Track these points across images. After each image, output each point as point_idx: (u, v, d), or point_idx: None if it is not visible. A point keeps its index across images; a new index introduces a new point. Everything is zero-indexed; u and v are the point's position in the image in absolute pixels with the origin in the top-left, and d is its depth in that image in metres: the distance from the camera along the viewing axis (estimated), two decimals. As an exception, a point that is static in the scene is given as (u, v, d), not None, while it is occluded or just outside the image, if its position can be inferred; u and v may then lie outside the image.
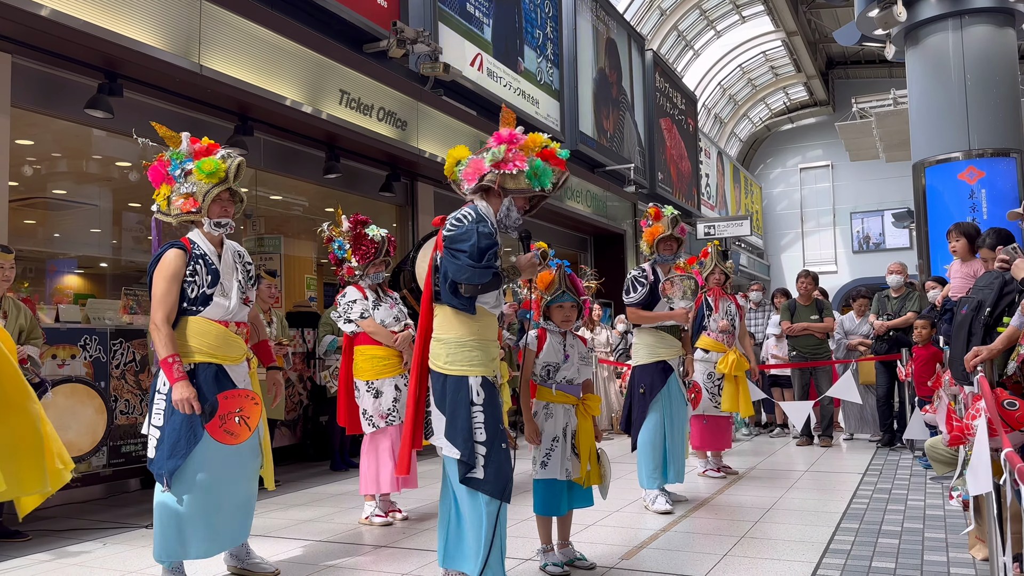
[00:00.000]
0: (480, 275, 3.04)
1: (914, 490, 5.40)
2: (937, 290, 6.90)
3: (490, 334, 3.20)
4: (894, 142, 16.25)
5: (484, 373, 3.13)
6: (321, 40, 7.43)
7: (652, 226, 5.18)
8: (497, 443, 3.07)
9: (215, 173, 3.49)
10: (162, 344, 3.36)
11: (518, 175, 3.17)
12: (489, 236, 3.10)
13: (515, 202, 3.25)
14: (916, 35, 10.33)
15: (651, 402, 5.00)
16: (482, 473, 3.05)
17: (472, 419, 3.07)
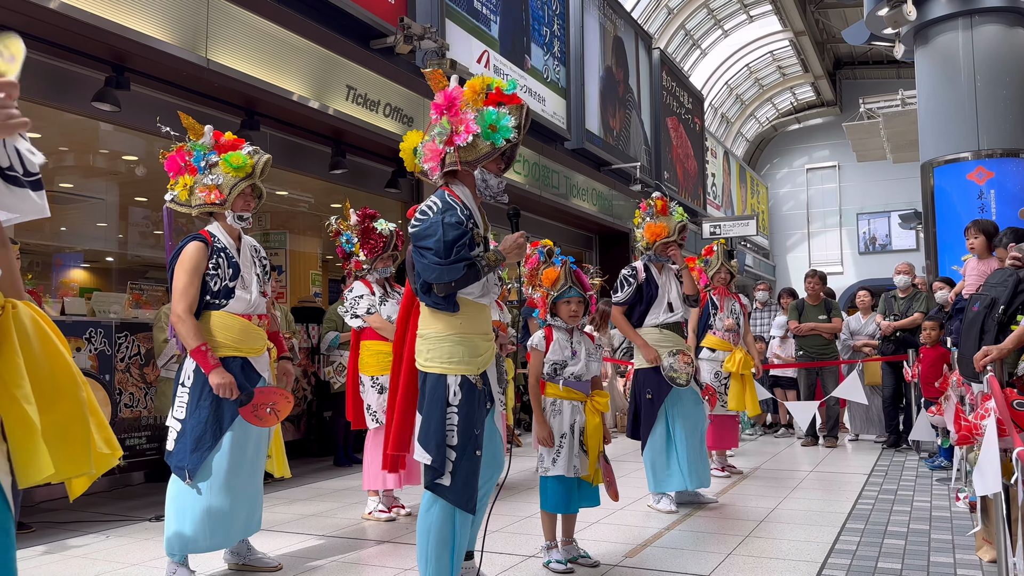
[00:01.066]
0: (449, 272, 2.76)
1: (920, 491, 5.37)
2: (945, 291, 6.86)
3: (477, 327, 2.93)
4: (901, 143, 16.17)
5: (466, 371, 2.86)
6: (328, 35, 7.42)
7: (657, 223, 4.98)
8: (470, 450, 2.83)
9: (243, 168, 3.51)
10: (191, 334, 3.38)
11: (474, 142, 2.84)
12: (457, 226, 2.80)
13: (488, 169, 2.94)
14: (926, 34, 10.28)
15: (659, 407, 4.88)
16: (449, 480, 2.81)
17: (446, 421, 2.82)
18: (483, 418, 2.92)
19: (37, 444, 1.37)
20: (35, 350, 1.43)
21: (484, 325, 2.97)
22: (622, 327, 5.01)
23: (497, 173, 2.97)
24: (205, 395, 3.42)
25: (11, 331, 1.41)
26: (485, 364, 2.93)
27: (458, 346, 2.87)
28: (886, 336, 7.59)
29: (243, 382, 3.47)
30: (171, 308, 3.43)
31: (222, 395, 3.38)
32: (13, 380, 1.38)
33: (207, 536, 3.39)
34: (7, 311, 1.43)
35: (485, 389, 2.94)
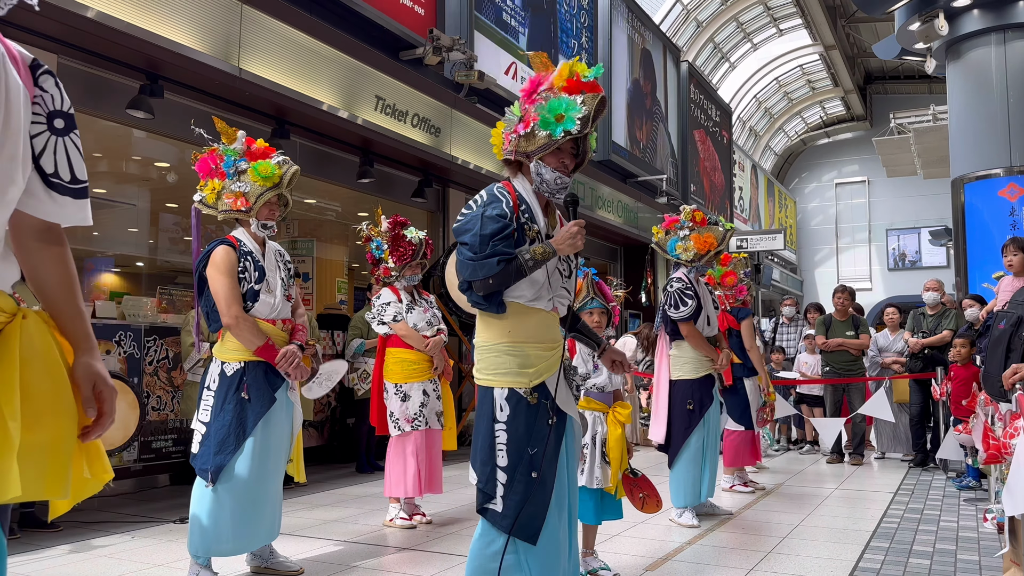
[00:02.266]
0: (483, 268, 2.49)
1: (947, 511, 5.29)
2: (975, 308, 6.77)
3: (532, 335, 2.60)
4: (932, 158, 16.00)
5: (514, 384, 2.55)
6: (358, 46, 7.51)
7: (703, 234, 5.01)
8: (522, 471, 2.50)
9: (270, 177, 3.56)
10: (253, 334, 3.47)
11: (532, 131, 2.57)
12: (498, 219, 2.53)
13: (546, 162, 2.61)
14: (958, 49, 10.18)
15: (700, 419, 4.88)
16: (501, 505, 2.50)
17: (494, 439, 2.54)
18: (545, 436, 2.54)
19: (9, 462, 1.31)
20: (36, 365, 1.38)
21: (540, 333, 2.62)
22: (695, 340, 4.96)
23: (557, 168, 2.62)
24: (229, 399, 3.46)
25: (15, 342, 1.37)
26: (542, 376, 2.58)
27: (506, 356, 2.57)
28: (914, 353, 7.49)
29: (260, 389, 3.50)
30: (223, 314, 3.46)
31: (290, 359, 3.48)
32: (5, 394, 1.34)
33: (231, 539, 3.43)
34: (16, 320, 1.39)
35: (546, 404, 2.57)
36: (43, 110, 1.48)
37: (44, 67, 1.49)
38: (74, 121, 1.53)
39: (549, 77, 2.62)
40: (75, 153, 1.52)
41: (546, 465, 2.54)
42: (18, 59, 1.43)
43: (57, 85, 1.50)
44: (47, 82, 1.49)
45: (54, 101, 1.49)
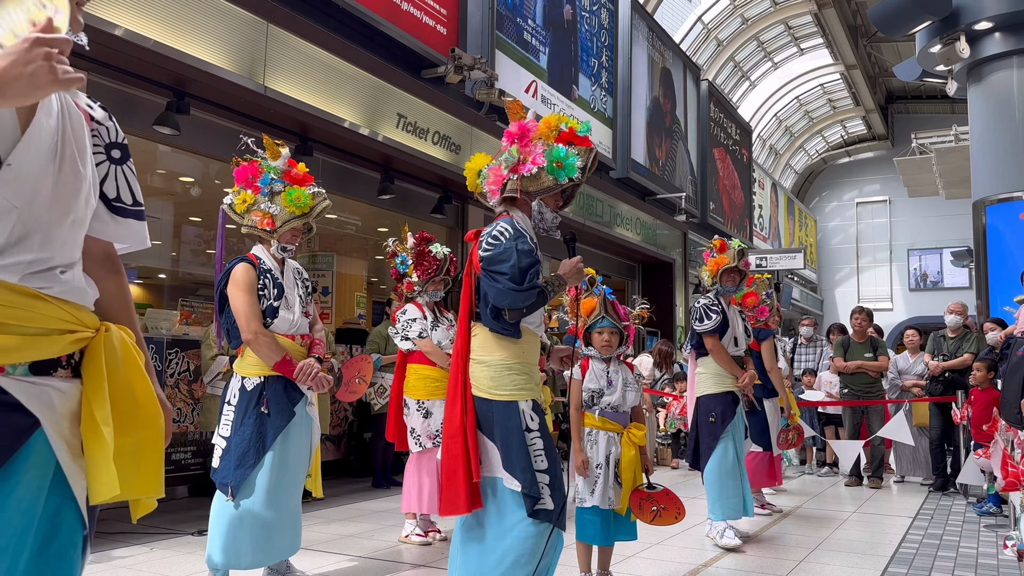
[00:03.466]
0: (524, 298, 2.79)
1: (967, 537, 5.23)
2: (996, 332, 6.72)
3: (533, 357, 2.97)
4: (954, 179, 15.90)
5: (532, 397, 2.88)
6: (381, 65, 7.60)
7: (716, 257, 5.20)
8: (557, 468, 2.85)
9: (302, 207, 3.62)
10: (271, 350, 3.51)
11: (538, 174, 2.87)
12: (530, 254, 2.84)
13: (546, 203, 2.98)
14: (979, 72, 10.15)
15: (723, 432, 4.93)
16: (551, 503, 2.79)
17: (530, 447, 2.81)
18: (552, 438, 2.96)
19: (108, 464, 1.42)
20: (121, 373, 1.49)
21: (535, 354, 2.99)
22: (719, 355, 5.04)
23: (554, 208, 3.00)
24: (249, 413, 3.51)
25: (100, 353, 1.47)
26: (540, 391, 2.98)
27: (520, 374, 2.88)
28: (934, 376, 7.43)
29: (280, 404, 3.54)
30: (243, 330, 3.51)
31: (307, 373, 3.53)
32: (96, 401, 1.45)
33: (249, 552, 3.46)
34: (100, 334, 1.50)
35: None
36: (101, 141, 1.61)
37: (98, 103, 1.63)
38: (129, 151, 1.67)
39: (534, 123, 2.94)
40: (133, 179, 1.66)
41: None
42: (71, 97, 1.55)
43: (111, 119, 1.63)
44: (102, 115, 1.62)
45: (110, 133, 1.62)
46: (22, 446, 1.38)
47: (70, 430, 1.45)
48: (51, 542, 1.42)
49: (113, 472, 1.42)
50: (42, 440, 1.40)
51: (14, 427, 1.37)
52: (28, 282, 1.39)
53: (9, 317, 1.37)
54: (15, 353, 1.38)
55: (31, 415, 1.39)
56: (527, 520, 2.77)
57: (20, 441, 1.38)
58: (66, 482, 1.44)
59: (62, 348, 1.44)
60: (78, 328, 1.47)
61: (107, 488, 1.42)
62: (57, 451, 1.42)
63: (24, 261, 1.39)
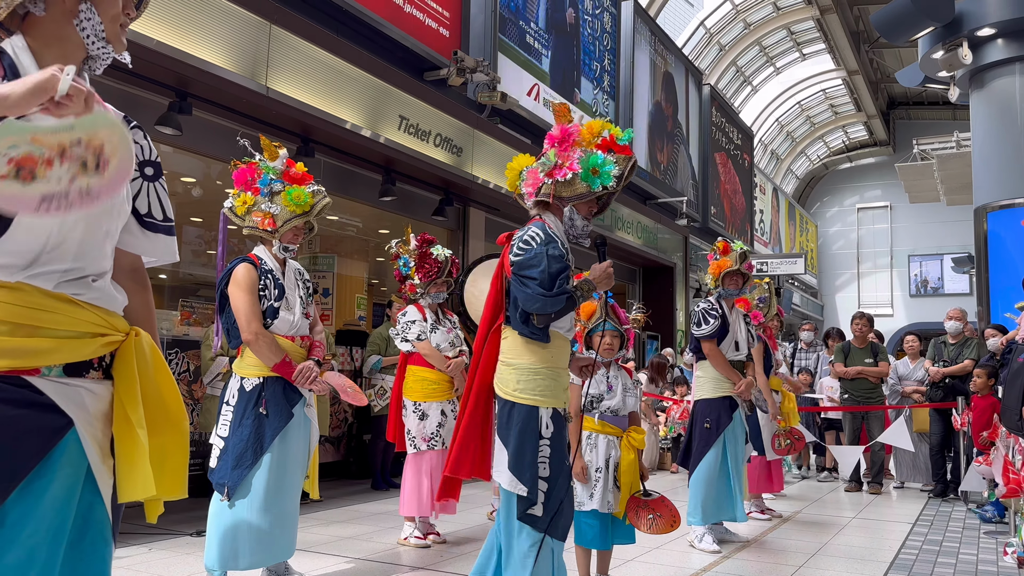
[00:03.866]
0: (553, 303, 2.79)
1: (967, 543, 5.22)
2: (997, 338, 6.71)
3: (563, 361, 2.97)
4: (955, 185, 15.90)
5: (555, 404, 2.89)
6: (383, 66, 7.61)
7: (719, 260, 5.18)
8: (561, 480, 2.85)
9: (302, 205, 3.62)
10: (271, 351, 3.50)
11: (572, 180, 2.86)
12: (560, 259, 2.83)
13: (578, 209, 2.95)
14: (981, 78, 10.15)
15: (716, 438, 4.92)
16: (541, 510, 2.81)
17: (539, 453, 2.83)
18: (567, 451, 2.95)
19: (144, 465, 1.49)
20: (150, 376, 1.55)
21: (567, 359, 3.01)
22: (716, 358, 5.02)
23: (586, 216, 2.97)
24: (248, 414, 3.50)
25: (132, 357, 1.54)
26: (567, 398, 2.99)
27: (549, 379, 2.88)
28: (935, 382, 7.42)
29: (279, 404, 3.54)
30: (243, 331, 3.51)
31: (307, 375, 3.53)
32: (130, 403, 1.51)
33: (247, 554, 3.45)
34: (130, 338, 1.56)
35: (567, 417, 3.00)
36: (136, 159, 1.64)
37: (134, 123, 1.68)
38: (161, 169, 1.74)
39: (577, 128, 2.91)
40: (164, 195, 1.73)
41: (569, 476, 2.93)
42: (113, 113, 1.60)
43: (146, 138, 1.71)
44: (137, 135, 1.68)
45: (144, 152, 1.69)
46: (56, 445, 1.43)
47: (101, 431, 1.51)
48: (84, 536, 1.49)
49: (149, 473, 1.49)
50: (74, 440, 1.46)
51: (49, 427, 1.43)
52: (63, 288, 1.46)
53: (44, 321, 1.43)
54: (50, 355, 1.44)
55: (65, 415, 1.45)
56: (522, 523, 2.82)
57: (54, 440, 1.43)
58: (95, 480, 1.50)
59: (94, 351, 1.50)
60: (109, 331, 1.52)
61: (143, 488, 1.49)
62: (88, 451, 1.48)
63: (59, 270, 1.45)
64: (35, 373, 1.42)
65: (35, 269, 1.42)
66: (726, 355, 5.08)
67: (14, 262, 1.40)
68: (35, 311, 1.42)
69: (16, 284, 1.40)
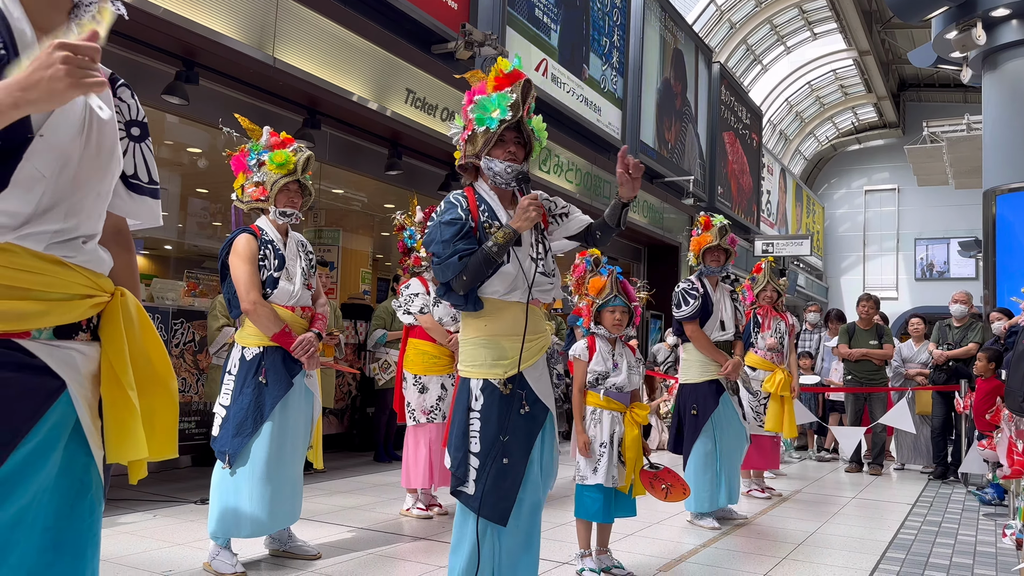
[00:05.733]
0: (449, 268, 2.64)
1: (965, 524, 5.24)
2: (1002, 321, 6.70)
3: (506, 329, 2.71)
4: (964, 168, 15.80)
5: (488, 375, 2.68)
6: (391, 38, 7.55)
7: (699, 236, 5.02)
8: (495, 457, 2.63)
9: (284, 165, 3.64)
10: (270, 320, 3.52)
11: (473, 134, 2.71)
12: (453, 223, 2.66)
13: (493, 155, 2.71)
14: (995, 60, 10.05)
15: (704, 424, 4.85)
16: (472, 488, 2.64)
17: (468, 426, 2.68)
18: (516, 425, 2.67)
19: (136, 426, 1.49)
20: (137, 336, 1.54)
21: (515, 325, 2.71)
22: (699, 340, 4.90)
23: (505, 158, 2.70)
24: (248, 383, 3.53)
25: (119, 317, 1.53)
26: (514, 367, 2.68)
27: (482, 348, 2.71)
28: (938, 365, 7.42)
29: (278, 374, 3.56)
30: (241, 300, 3.53)
31: (305, 347, 3.53)
32: (119, 364, 1.50)
33: (250, 522, 3.48)
34: (116, 298, 1.55)
35: (521, 393, 2.70)
36: (123, 119, 1.64)
37: (121, 81, 1.66)
38: (148, 129, 1.71)
39: (479, 86, 2.75)
40: (150, 157, 1.70)
41: (517, 452, 2.67)
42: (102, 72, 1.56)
43: (133, 97, 1.67)
44: (124, 93, 1.66)
45: (131, 111, 1.66)
46: (50, 407, 1.44)
47: (92, 392, 1.51)
48: (84, 496, 1.50)
49: (141, 434, 1.49)
50: (67, 402, 1.46)
51: (44, 389, 1.43)
52: (53, 250, 1.44)
53: (35, 283, 1.42)
54: (41, 318, 1.43)
55: (58, 377, 1.45)
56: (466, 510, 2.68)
57: (49, 403, 1.43)
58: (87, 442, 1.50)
59: (83, 312, 1.49)
60: (96, 293, 1.51)
61: (134, 449, 1.49)
62: (80, 412, 1.48)
63: (50, 231, 1.44)
64: (26, 336, 1.42)
65: (26, 230, 1.40)
66: (711, 336, 4.94)
67: (6, 223, 1.39)
68: (25, 273, 1.41)
69: (5, 245, 1.39)
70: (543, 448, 2.78)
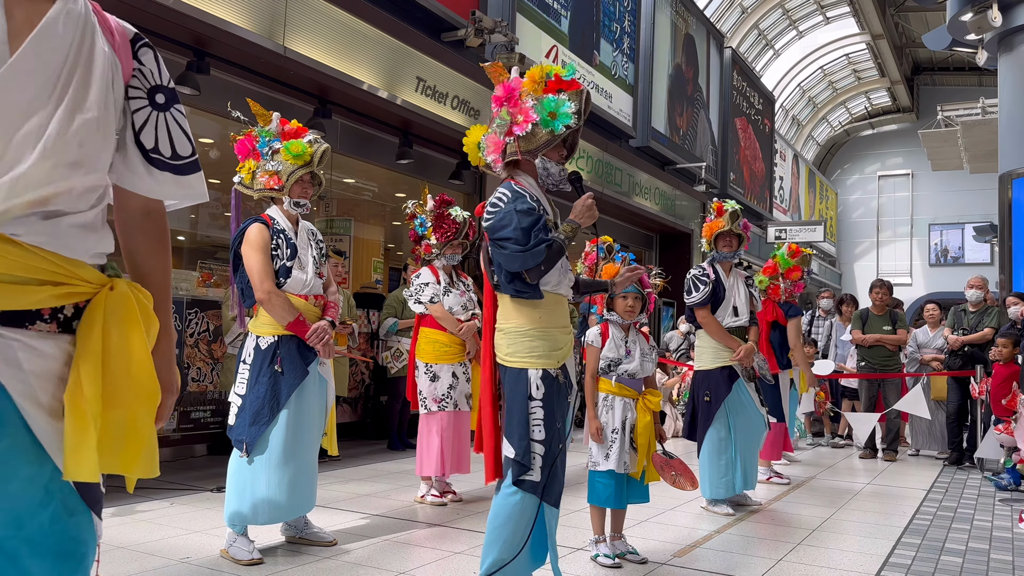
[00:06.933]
0: (533, 257, 2.75)
1: (981, 510, 5.22)
2: (1019, 306, 6.65)
3: (556, 320, 2.89)
4: (979, 153, 15.63)
5: (546, 365, 2.82)
6: (401, 27, 7.54)
7: (712, 221, 4.98)
8: (555, 444, 2.80)
9: (301, 156, 3.63)
10: (284, 309, 3.53)
11: (533, 130, 2.80)
12: (531, 212, 2.79)
13: (549, 157, 2.90)
14: (1010, 41, 9.92)
15: (716, 410, 4.84)
16: (539, 475, 2.77)
17: (530, 415, 2.79)
18: (565, 411, 2.88)
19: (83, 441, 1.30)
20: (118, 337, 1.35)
21: (562, 318, 2.91)
22: (710, 326, 4.88)
23: (559, 161, 2.92)
24: (264, 371, 3.54)
25: (99, 314, 1.35)
26: (565, 357, 2.89)
27: (538, 340, 2.83)
28: (954, 351, 7.38)
29: (294, 362, 3.57)
30: (256, 289, 3.53)
31: (320, 335, 3.55)
32: (86, 368, 1.32)
33: (266, 509, 3.51)
34: (103, 292, 1.36)
35: (567, 382, 2.90)
36: (143, 84, 1.46)
37: (144, 41, 1.48)
38: (176, 95, 1.51)
39: (518, 80, 2.85)
40: (176, 128, 1.49)
41: (566, 436, 2.88)
42: (115, 31, 1.44)
43: (157, 59, 1.49)
44: (146, 56, 1.48)
45: (154, 76, 1.48)
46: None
47: (49, 392, 1.31)
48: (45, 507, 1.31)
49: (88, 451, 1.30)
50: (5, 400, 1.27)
51: None
52: None
53: None
54: None
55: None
56: (512, 487, 2.79)
57: None
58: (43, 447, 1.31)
59: (40, 300, 1.30)
60: (67, 281, 1.33)
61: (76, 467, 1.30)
62: (25, 413, 1.28)
63: None
64: None
65: None
66: (724, 322, 4.91)
67: None
68: None
69: None
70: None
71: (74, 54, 1.34)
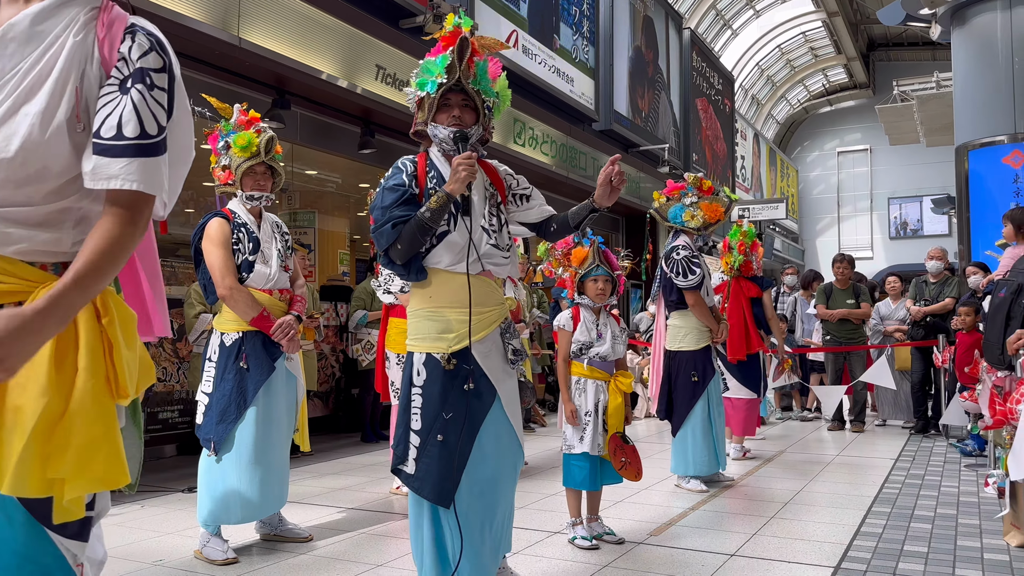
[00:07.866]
0: (383, 236, 2.55)
1: (948, 476, 5.33)
2: (979, 275, 6.78)
3: (451, 300, 2.59)
4: (935, 126, 15.88)
5: (431, 349, 2.56)
6: (358, 14, 7.43)
7: (711, 203, 5.01)
8: (434, 434, 2.51)
9: (247, 147, 3.57)
10: (248, 305, 3.47)
11: (420, 102, 2.67)
12: (396, 188, 2.60)
13: (438, 121, 2.63)
14: (963, 15, 10.07)
15: (703, 391, 4.91)
16: (413, 467, 2.53)
17: (410, 403, 2.58)
18: (459, 402, 2.53)
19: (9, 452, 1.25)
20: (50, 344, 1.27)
21: (460, 298, 2.58)
22: (701, 310, 4.91)
23: (449, 122, 2.62)
24: (229, 368, 3.49)
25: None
26: (462, 342, 2.56)
27: (426, 321, 2.60)
28: (916, 321, 7.51)
29: (259, 358, 3.52)
30: (217, 285, 3.47)
31: (285, 330, 3.50)
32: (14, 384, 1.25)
33: (238, 507, 3.46)
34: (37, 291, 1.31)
35: (467, 369, 2.56)
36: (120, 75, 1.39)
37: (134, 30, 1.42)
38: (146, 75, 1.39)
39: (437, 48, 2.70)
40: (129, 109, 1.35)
41: (457, 431, 2.52)
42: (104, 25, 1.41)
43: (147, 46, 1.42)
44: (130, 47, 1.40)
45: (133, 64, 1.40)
46: None
47: None
48: None
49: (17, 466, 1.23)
50: None
51: None
52: None
53: None
54: None
55: None
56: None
57: None
58: None
59: None
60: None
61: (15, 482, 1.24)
62: None
63: None
64: None
65: None
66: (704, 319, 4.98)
67: None
68: None
69: None
70: (497, 427, 2.61)
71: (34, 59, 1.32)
